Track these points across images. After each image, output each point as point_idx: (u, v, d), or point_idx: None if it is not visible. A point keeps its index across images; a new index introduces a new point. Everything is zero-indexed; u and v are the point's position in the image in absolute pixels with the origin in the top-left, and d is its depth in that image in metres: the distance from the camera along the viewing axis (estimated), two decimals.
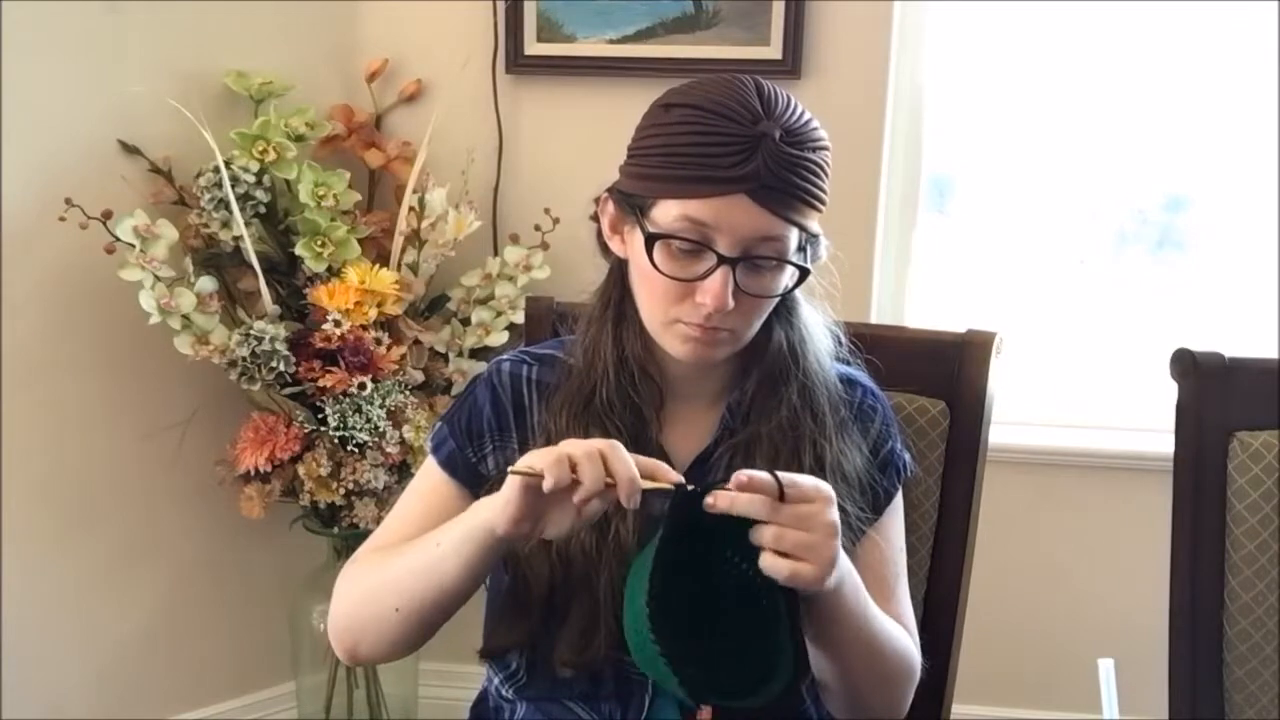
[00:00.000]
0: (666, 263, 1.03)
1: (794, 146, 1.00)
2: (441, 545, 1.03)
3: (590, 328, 1.14)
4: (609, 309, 1.13)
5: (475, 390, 1.16)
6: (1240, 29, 2.07)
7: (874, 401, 1.19)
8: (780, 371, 1.12)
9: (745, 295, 1.03)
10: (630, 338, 1.12)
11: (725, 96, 1.00)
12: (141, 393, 2.05)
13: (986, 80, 2.18)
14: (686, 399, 1.15)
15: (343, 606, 1.15)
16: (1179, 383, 1.33)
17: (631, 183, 1.06)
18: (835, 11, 2.02)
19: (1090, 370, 2.28)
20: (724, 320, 1.04)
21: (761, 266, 1.03)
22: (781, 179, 0.99)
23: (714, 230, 1.01)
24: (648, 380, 1.12)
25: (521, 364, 1.16)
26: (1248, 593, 1.31)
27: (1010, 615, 2.18)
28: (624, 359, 1.11)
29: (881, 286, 2.18)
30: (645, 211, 1.04)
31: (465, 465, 1.14)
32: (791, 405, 1.11)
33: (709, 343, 1.06)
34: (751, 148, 0.98)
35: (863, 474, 1.13)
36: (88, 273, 1.91)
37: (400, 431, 1.91)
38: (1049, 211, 2.26)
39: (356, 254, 1.91)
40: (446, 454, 1.14)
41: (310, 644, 2.14)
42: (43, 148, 1.89)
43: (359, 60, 2.12)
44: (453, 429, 1.15)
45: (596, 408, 1.10)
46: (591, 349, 1.13)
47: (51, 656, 2.07)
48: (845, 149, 2.03)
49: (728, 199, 0.99)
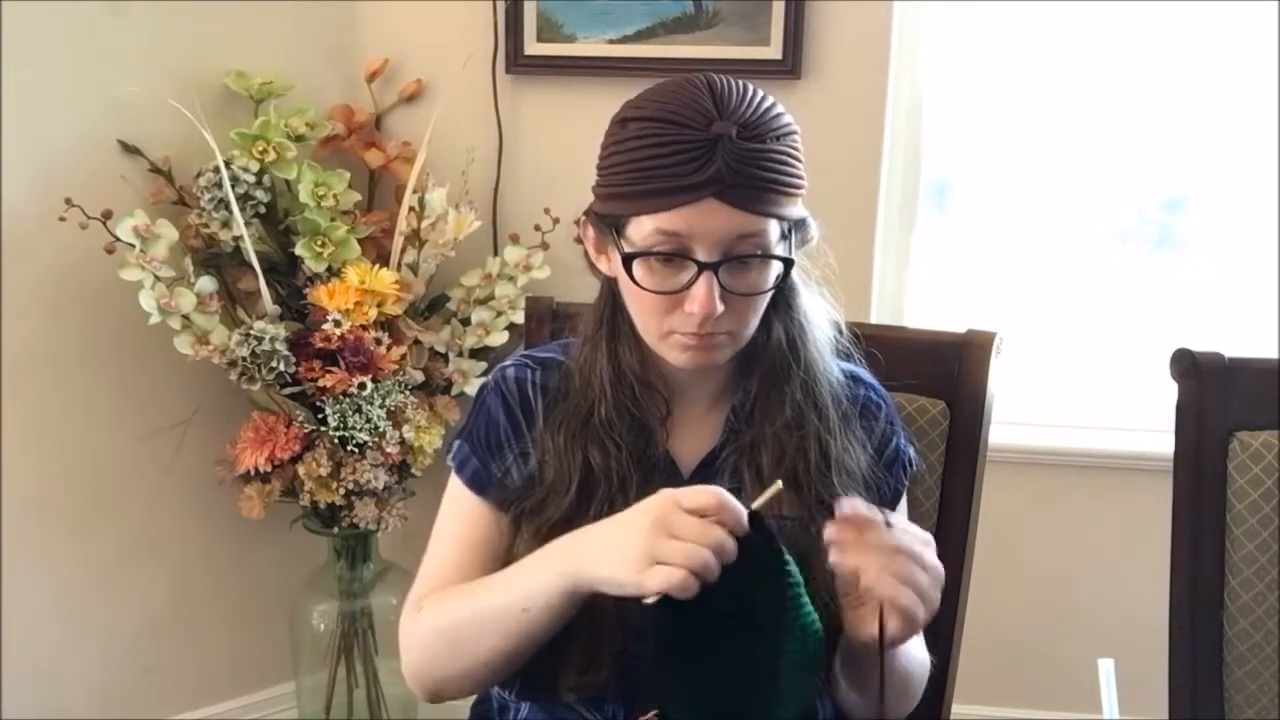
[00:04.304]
0: (648, 278, 1.03)
1: (753, 140, 0.99)
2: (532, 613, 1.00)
3: (585, 347, 1.14)
4: (603, 326, 1.13)
5: (486, 401, 1.15)
6: (1240, 29, 2.07)
7: (878, 398, 1.19)
8: (781, 368, 1.12)
9: (734, 295, 1.03)
10: (626, 353, 1.11)
11: (677, 104, 1.00)
12: (141, 393, 2.05)
13: (986, 80, 2.18)
14: (689, 403, 1.15)
15: (419, 660, 1.11)
16: (1179, 383, 1.33)
17: (603, 203, 1.06)
18: (835, 12, 2.02)
19: (1090, 370, 2.28)
20: (718, 324, 1.03)
21: (745, 264, 1.02)
22: (746, 175, 0.98)
23: (689, 239, 1.00)
24: (651, 392, 1.12)
25: (525, 369, 1.16)
26: (1248, 593, 1.32)
27: (1010, 615, 2.18)
28: (621, 374, 1.11)
29: (881, 286, 2.18)
30: (621, 230, 1.04)
31: (492, 482, 1.13)
32: (795, 402, 1.11)
33: (707, 348, 1.06)
34: (709, 151, 0.97)
35: (867, 470, 1.13)
36: (88, 273, 1.91)
37: (400, 431, 1.91)
38: (1049, 212, 2.26)
39: (356, 254, 1.91)
40: (472, 472, 1.13)
41: (310, 644, 2.14)
42: (43, 148, 1.89)
43: (359, 60, 2.12)
44: (473, 446, 1.14)
45: (595, 426, 1.10)
46: (588, 368, 1.12)
47: (51, 656, 2.08)
48: (845, 149, 2.07)
49: (696, 205, 0.99)
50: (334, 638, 2.11)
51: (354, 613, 2.11)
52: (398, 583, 2.13)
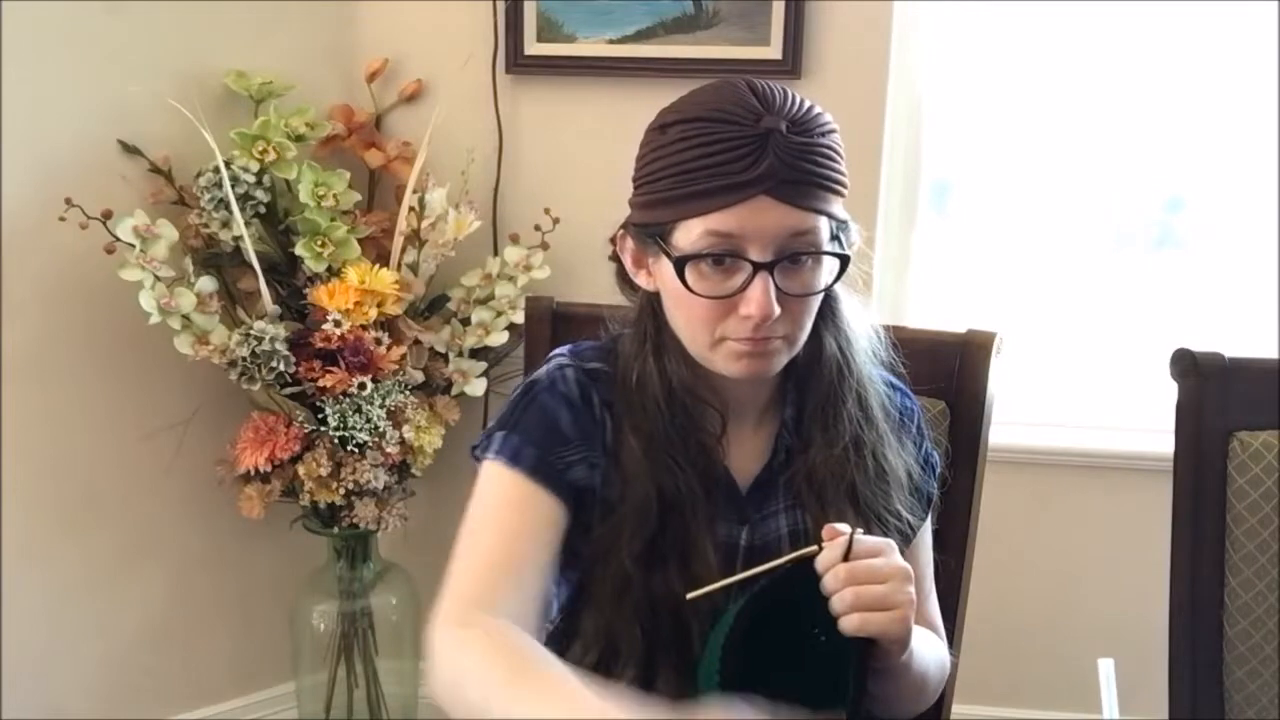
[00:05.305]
0: (701, 283, 0.99)
1: (803, 135, 0.96)
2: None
3: (635, 365, 1.08)
4: (647, 343, 1.08)
5: (539, 398, 1.08)
6: (1240, 29, 2.07)
7: (912, 404, 1.18)
8: (836, 382, 1.09)
9: (789, 297, 0.99)
10: (675, 368, 1.07)
11: (722, 101, 0.97)
12: (141, 393, 2.05)
13: (986, 80, 2.18)
14: (738, 418, 1.10)
15: (454, 694, 0.96)
16: (1179, 383, 1.33)
17: (645, 213, 1.02)
18: (835, 11, 2.02)
19: (1090, 370, 2.28)
20: (774, 328, 1.00)
21: (799, 264, 0.99)
22: (798, 170, 0.96)
23: (742, 239, 0.97)
24: (703, 407, 1.07)
25: (582, 372, 1.09)
26: (1248, 593, 1.32)
27: (1010, 615, 2.18)
28: (672, 392, 1.06)
29: (881, 286, 2.18)
30: (667, 238, 1.01)
31: (554, 471, 1.05)
32: (853, 419, 1.08)
33: (763, 354, 1.02)
34: (761, 145, 0.95)
35: (916, 477, 1.13)
36: (88, 273, 1.91)
37: (400, 431, 1.91)
38: (1048, 212, 2.26)
39: (356, 254, 1.91)
40: (532, 462, 1.04)
41: (310, 644, 2.14)
42: (43, 148, 1.89)
43: (359, 60, 2.12)
44: (527, 437, 1.06)
45: (659, 449, 1.05)
46: (641, 386, 1.07)
47: (51, 656, 2.08)
48: (845, 149, 2.06)
49: (749, 203, 0.96)
50: (334, 638, 2.11)
51: (354, 613, 2.11)
52: (398, 583, 2.14)
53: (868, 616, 0.93)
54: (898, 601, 0.94)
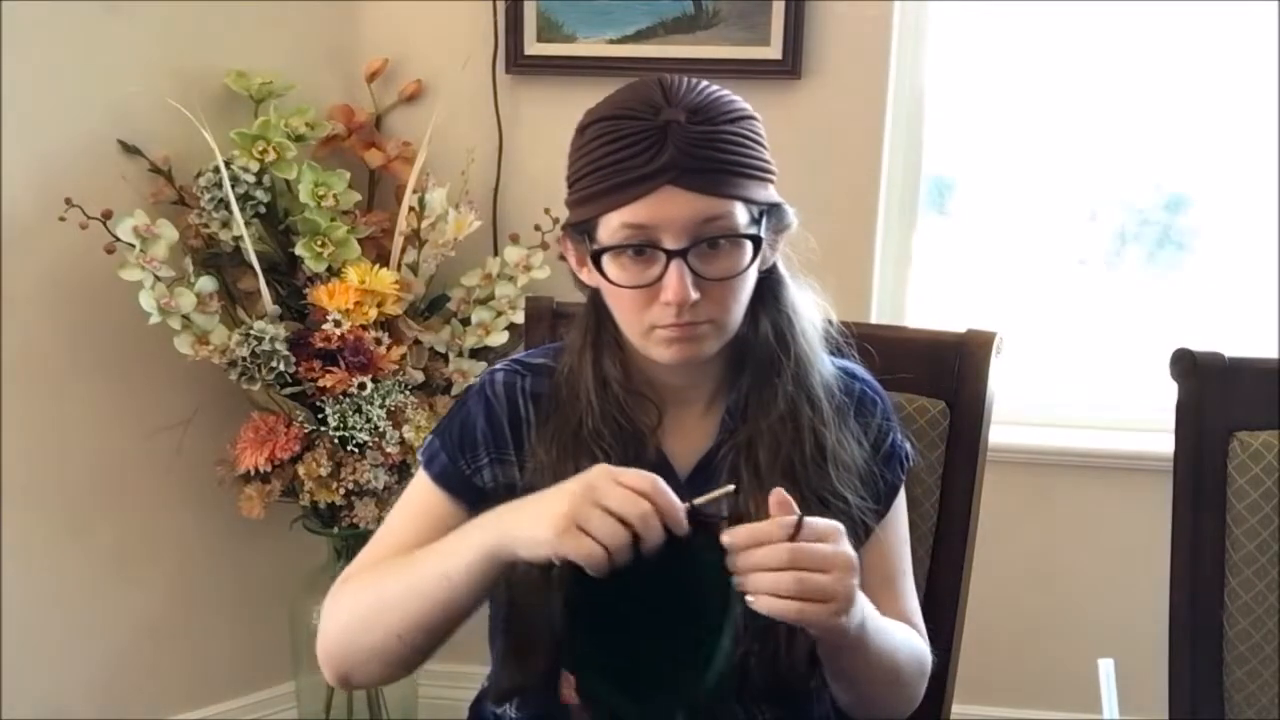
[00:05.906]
0: (620, 274, 1.04)
1: (704, 123, 1.00)
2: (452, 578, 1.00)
3: (572, 359, 1.13)
4: (587, 337, 1.13)
5: (467, 402, 1.15)
6: (1240, 29, 2.07)
7: (874, 394, 1.18)
8: (771, 361, 1.11)
9: (710, 282, 1.02)
10: (610, 364, 1.11)
11: (629, 99, 1.02)
12: (141, 393, 2.05)
13: (986, 80, 2.18)
14: (684, 406, 1.14)
15: (335, 632, 1.10)
16: (1179, 383, 1.33)
17: (574, 211, 1.07)
18: (835, 11, 2.02)
19: (1090, 370, 2.28)
20: (697, 312, 1.03)
21: (715, 248, 1.02)
22: (700, 158, 0.99)
23: (655, 229, 1.01)
24: (639, 400, 1.11)
25: (515, 374, 1.15)
26: (1248, 593, 1.32)
27: (1010, 615, 2.18)
28: (606, 384, 1.11)
29: (881, 286, 2.18)
30: (593, 235, 1.06)
31: (459, 479, 1.12)
32: (787, 395, 1.10)
33: (691, 339, 1.05)
34: (660, 138, 0.99)
35: (862, 465, 1.13)
36: (88, 273, 1.91)
37: (400, 431, 1.91)
38: (1049, 211, 2.26)
39: (356, 254, 1.91)
40: (440, 469, 1.13)
41: (310, 644, 2.11)
42: (43, 148, 1.89)
43: (359, 60, 2.12)
44: (444, 442, 1.14)
45: (584, 438, 1.09)
46: (574, 380, 1.12)
47: (51, 656, 2.08)
48: (845, 149, 2.08)
49: (656, 194, 1.00)
50: None
51: None
52: None
53: (805, 607, 0.90)
54: (837, 593, 0.92)
